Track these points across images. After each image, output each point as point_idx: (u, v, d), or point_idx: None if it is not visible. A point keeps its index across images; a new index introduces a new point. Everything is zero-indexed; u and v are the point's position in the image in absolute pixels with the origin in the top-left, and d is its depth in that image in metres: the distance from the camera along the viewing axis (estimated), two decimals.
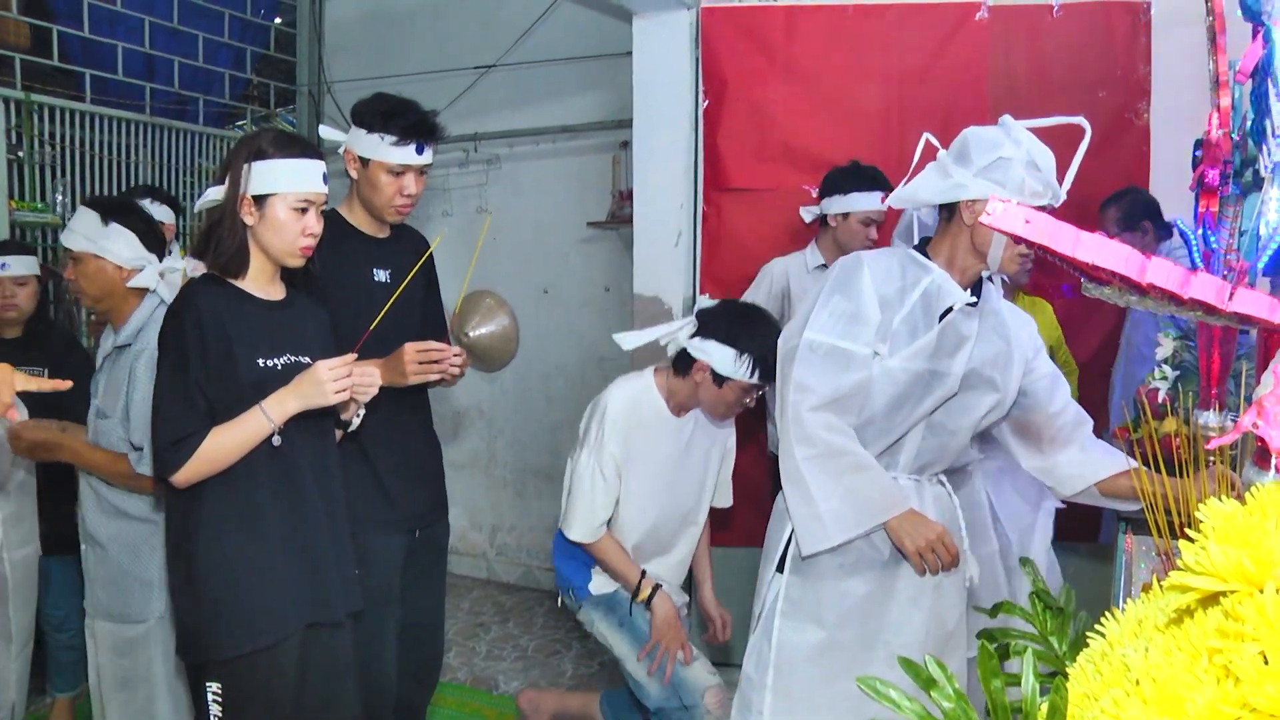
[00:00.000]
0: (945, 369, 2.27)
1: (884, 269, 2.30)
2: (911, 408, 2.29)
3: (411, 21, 5.60)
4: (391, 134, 2.52)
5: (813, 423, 2.22)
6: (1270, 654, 0.62)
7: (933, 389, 2.28)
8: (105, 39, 4.98)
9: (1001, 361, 2.35)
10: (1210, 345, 1.85)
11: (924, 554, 2.22)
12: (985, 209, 0.94)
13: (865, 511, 2.24)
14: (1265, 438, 0.83)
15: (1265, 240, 1.58)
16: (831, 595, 2.33)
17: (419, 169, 2.58)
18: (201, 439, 2.02)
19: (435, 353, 2.51)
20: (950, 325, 2.27)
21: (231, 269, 2.14)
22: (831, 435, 2.22)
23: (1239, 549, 0.67)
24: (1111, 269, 0.94)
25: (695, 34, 4.01)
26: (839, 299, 2.28)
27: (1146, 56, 3.74)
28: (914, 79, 3.87)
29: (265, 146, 2.12)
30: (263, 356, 2.12)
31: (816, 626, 2.33)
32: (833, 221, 3.60)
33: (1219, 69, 1.62)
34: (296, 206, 2.13)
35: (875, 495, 2.24)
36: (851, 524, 2.24)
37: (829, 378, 2.24)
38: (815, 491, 2.23)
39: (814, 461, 2.23)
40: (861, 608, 2.33)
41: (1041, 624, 1.03)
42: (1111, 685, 0.75)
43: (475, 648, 4.50)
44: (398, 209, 2.59)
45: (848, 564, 2.32)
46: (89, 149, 4.72)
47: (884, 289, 2.27)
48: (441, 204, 5.46)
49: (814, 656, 2.33)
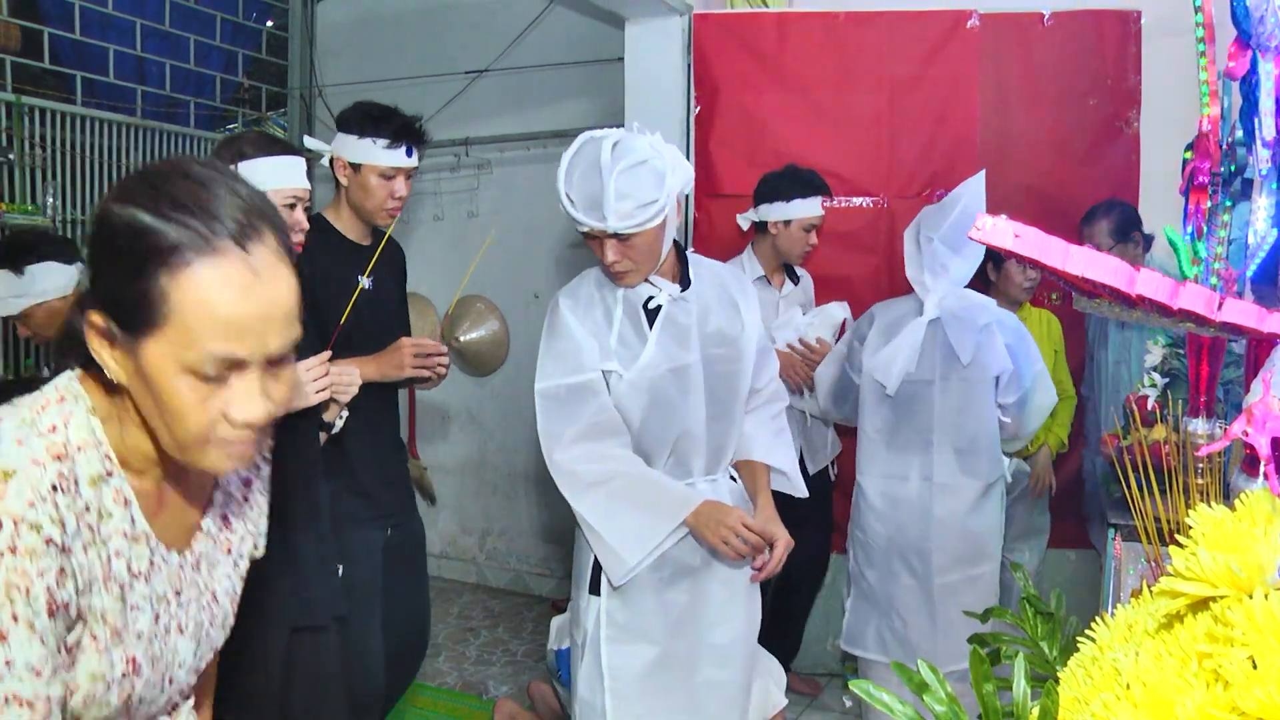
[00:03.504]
0: (683, 360, 2.31)
1: (583, 299, 2.34)
2: (676, 406, 2.32)
3: (403, 26, 5.60)
4: (383, 138, 2.58)
5: (568, 463, 2.28)
6: (1259, 658, 0.62)
7: (684, 383, 2.32)
8: (96, 41, 4.96)
9: (731, 327, 2.39)
10: (1199, 353, 1.87)
11: (727, 540, 2.23)
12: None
13: (653, 525, 2.26)
14: (1254, 445, 0.84)
15: (1254, 249, 1.60)
16: (655, 609, 2.34)
17: (408, 171, 2.66)
18: None
19: (428, 351, 2.60)
20: (668, 321, 2.31)
21: None
22: (591, 467, 2.27)
23: (1228, 554, 0.68)
24: (1101, 281, 0.95)
25: (687, 40, 4.02)
26: (553, 343, 2.34)
27: (1137, 65, 3.77)
28: (905, 87, 3.89)
29: (246, 148, 2.14)
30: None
31: (647, 644, 2.34)
32: (773, 229, 3.56)
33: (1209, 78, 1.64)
34: (285, 203, 2.15)
35: (658, 505, 2.27)
36: (644, 543, 2.26)
37: (570, 416, 2.29)
38: (599, 527, 2.27)
39: (584, 498, 2.28)
40: (686, 616, 2.36)
41: (1032, 628, 1.04)
42: (1102, 689, 0.75)
43: (465, 652, 4.50)
44: (389, 211, 2.65)
45: (665, 576, 2.34)
46: (80, 151, 4.71)
47: (586, 320, 2.32)
48: (432, 208, 5.46)
49: (648, 674, 2.34)
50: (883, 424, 3.16)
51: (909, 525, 3.10)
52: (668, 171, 2.15)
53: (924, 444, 3.08)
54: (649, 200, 2.13)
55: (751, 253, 3.67)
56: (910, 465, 3.11)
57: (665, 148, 2.20)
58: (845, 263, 3.91)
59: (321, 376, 2.10)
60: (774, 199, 3.55)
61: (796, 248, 3.56)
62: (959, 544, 3.07)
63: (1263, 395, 0.85)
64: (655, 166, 2.14)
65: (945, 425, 3.06)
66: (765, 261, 3.64)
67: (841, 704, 3.86)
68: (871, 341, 3.16)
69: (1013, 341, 3.07)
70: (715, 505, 2.28)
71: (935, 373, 3.06)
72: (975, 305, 3.06)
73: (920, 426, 3.09)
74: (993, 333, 3.03)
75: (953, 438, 3.06)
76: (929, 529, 3.07)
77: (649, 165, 2.13)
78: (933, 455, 3.07)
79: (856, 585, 3.28)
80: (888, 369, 3.07)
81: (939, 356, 3.06)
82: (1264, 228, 1.54)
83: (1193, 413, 1.94)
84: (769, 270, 3.65)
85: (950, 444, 3.06)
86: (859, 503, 3.24)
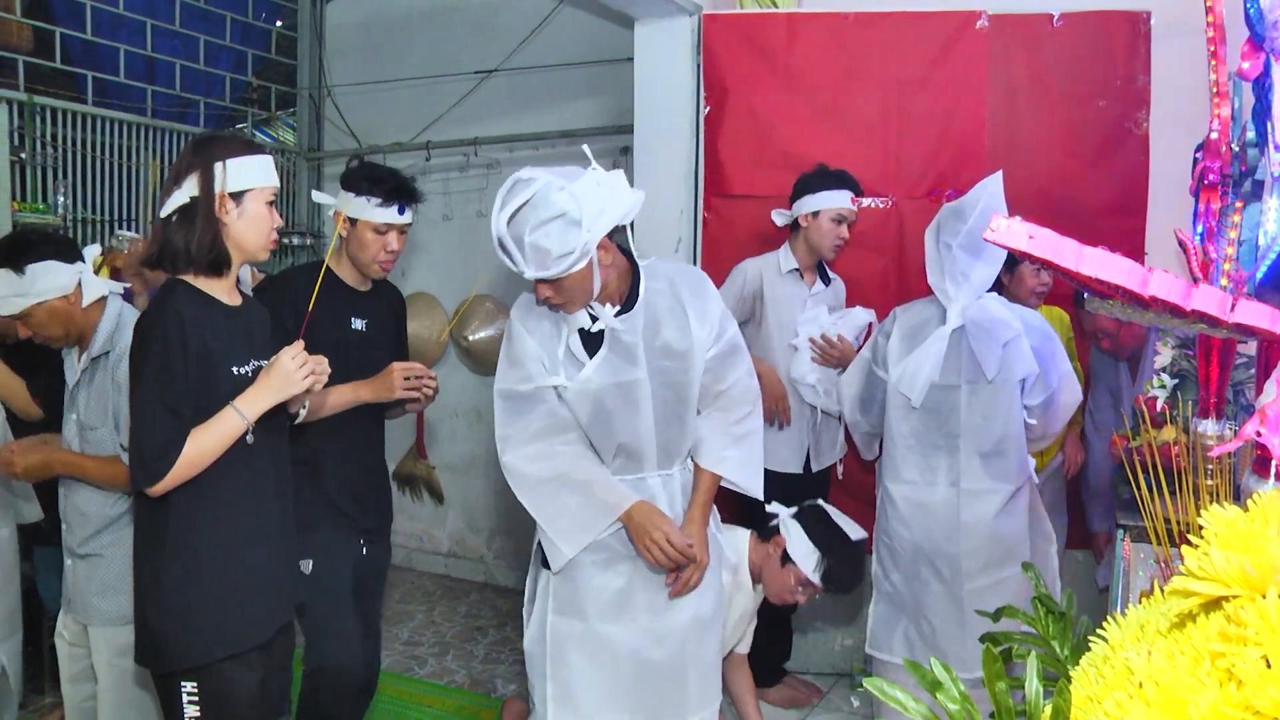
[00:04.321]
0: (631, 376, 2.43)
1: (535, 311, 2.48)
2: (621, 416, 2.45)
3: (412, 26, 5.61)
4: (377, 196, 2.82)
5: (516, 463, 2.46)
6: (1272, 657, 0.63)
7: (630, 396, 2.44)
8: (107, 41, 4.98)
9: (680, 340, 2.46)
10: (1209, 354, 1.87)
11: (650, 548, 2.40)
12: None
13: (588, 522, 2.44)
14: (1268, 445, 0.85)
15: (1264, 250, 1.60)
16: (590, 590, 2.50)
17: (400, 228, 2.89)
18: (182, 447, 2.03)
19: (417, 373, 2.83)
20: (613, 340, 2.42)
21: (216, 269, 2.15)
22: (537, 465, 2.45)
23: (1241, 554, 0.68)
24: (1114, 283, 0.95)
25: (697, 41, 4.03)
26: (509, 348, 2.51)
27: (1146, 66, 3.76)
28: (914, 87, 3.89)
29: (231, 147, 2.17)
30: (236, 364, 2.15)
31: (580, 620, 2.51)
32: (804, 222, 3.62)
33: (1218, 80, 1.64)
34: (270, 200, 2.20)
35: (596, 504, 2.44)
36: (579, 537, 2.44)
37: (520, 419, 2.47)
38: (542, 521, 2.47)
39: (529, 495, 2.47)
40: (618, 599, 2.50)
41: (1044, 628, 1.04)
42: (1114, 688, 0.76)
43: (473, 651, 4.50)
44: (381, 264, 2.90)
45: (600, 560, 2.49)
46: (91, 151, 4.73)
47: (536, 331, 2.47)
48: (441, 208, 5.47)
49: (582, 644, 2.52)
50: (909, 430, 3.12)
51: (936, 531, 3.07)
52: (584, 221, 2.20)
53: (951, 449, 3.05)
54: (565, 252, 2.21)
55: (788, 248, 3.73)
56: (937, 470, 3.08)
57: (592, 190, 2.25)
58: (853, 262, 3.91)
59: (306, 363, 2.14)
60: (803, 194, 3.61)
61: (826, 240, 3.59)
62: (988, 548, 3.04)
63: (1276, 396, 0.86)
64: (571, 218, 2.20)
65: (972, 430, 3.03)
66: (799, 257, 3.69)
67: (849, 704, 3.86)
68: (895, 346, 3.13)
69: (1039, 344, 3.03)
70: (649, 510, 2.43)
71: (961, 377, 3.02)
72: (1000, 321, 3.02)
73: (947, 432, 3.06)
74: (1019, 340, 3.01)
75: (980, 442, 3.03)
76: (957, 534, 3.04)
77: (565, 219, 2.20)
78: (960, 460, 3.04)
79: (880, 589, 3.25)
80: (913, 380, 3.04)
81: (964, 362, 3.02)
82: (1275, 229, 1.54)
83: (1203, 414, 1.94)
84: (803, 266, 3.70)
85: (977, 449, 3.03)
86: (885, 508, 3.21)
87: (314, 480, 2.81)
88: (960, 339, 3.02)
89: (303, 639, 2.70)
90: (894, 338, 3.16)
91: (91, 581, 2.66)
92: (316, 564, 2.76)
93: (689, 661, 2.55)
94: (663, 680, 2.51)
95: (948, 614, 3.06)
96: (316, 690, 2.82)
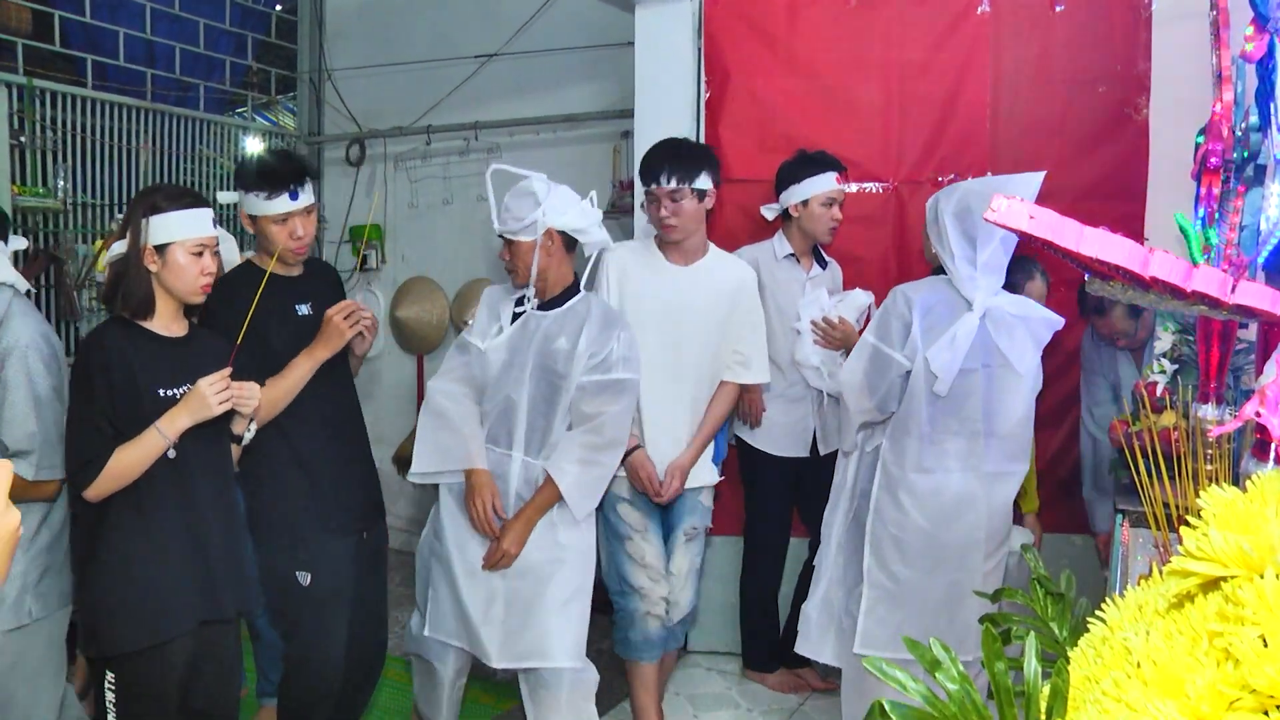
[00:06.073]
0: (521, 358, 2.99)
1: (501, 289, 3.16)
2: (504, 384, 3.01)
3: (413, 9, 5.59)
4: (264, 190, 2.77)
5: (433, 390, 3.09)
6: (1270, 637, 0.63)
7: (516, 375, 2.99)
8: (107, 24, 4.97)
9: (563, 354, 2.98)
10: (1210, 338, 1.87)
11: (471, 509, 2.97)
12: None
13: (440, 459, 3.04)
14: (1268, 425, 0.85)
15: (1265, 235, 1.60)
16: (457, 512, 3.05)
17: (300, 211, 2.82)
18: (106, 460, 2.27)
19: (349, 310, 2.83)
20: (520, 324, 3.02)
21: (141, 312, 2.40)
22: (439, 398, 3.06)
23: (1240, 535, 0.68)
24: (1115, 263, 0.95)
25: (698, 24, 4.02)
26: (475, 314, 3.17)
27: (1146, 51, 3.74)
28: (915, 71, 3.88)
29: (160, 202, 2.38)
30: (164, 387, 2.38)
31: (450, 538, 3.05)
32: (795, 211, 3.63)
33: (1221, 64, 1.63)
34: (194, 251, 2.39)
35: (452, 449, 3.02)
36: (432, 464, 3.05)
37: (452, 360, 3.12)
38: (418, 436, 3.09)
39: (424, 416, 3.10)
40: (460, 536, 3.03)
41: (1043, 609, 1.04)
42: (1112, 668, 0.76)
43: None
44: (294, 251, 2.84)
45: (461, 491, 3.04)
46: (90, 134, 4.72)
47: (493, 303, 3.14)
48: (442, 192, 5.47)
49: (456, 557, 3.05)
50: (927, 417, 3.01)
51: (955, 517, 3.00)
52: (544, 205, 2.92)
53: (969, 434, 2.99)
54: (522, 216, 2.94)
55: (782, 235, 3.74)
56: (954, 456, 3.00)
57: (566, 196, 2.98)
58: (855, 246, 3.91)
59: (223, 390, 2.35)
60: (788, 184, 3.62)
61: (821, 225, 3.60)
62: (1002, 530, 3.04)
63: (1276, 377, 0.86)
64: (537, 198, 2.92)
65: (990, 414, 2.98)
66: (795, 244, 3.71)
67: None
68: (920, 331, 2.99)
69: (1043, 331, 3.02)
70: (487, 480, 2.98)
71: (978, 361, 2.95)
72: (1033, 319, 2.97)
73: (964, 417, 2.99)
74: (1041, 326, 2.98)
75: (997, 425, 2.99)
76: (979, 519, 2.99)
77: (533, 196, 2.93)
78: (980, 445, 2.99)
79: (873, 584, 3.08)
80: (945, 371, 2.94)
81: (980, 346, 2.94)
82: (1276, 214, 1.54)
83: (1203, 398, 1.94)
84: (799, 252, 3.71)
85: (996, 432, 2.99)
86: (894, 498, 3.05)
87: (310, 481, 2.84)
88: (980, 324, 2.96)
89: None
90: (916, 323, 3.00)
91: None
92: (313, 576, 2.82)
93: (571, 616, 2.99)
94: (520, 606, 2.96)
95: (947, 600, 3.01)
96: (291, 685, 2.90)
